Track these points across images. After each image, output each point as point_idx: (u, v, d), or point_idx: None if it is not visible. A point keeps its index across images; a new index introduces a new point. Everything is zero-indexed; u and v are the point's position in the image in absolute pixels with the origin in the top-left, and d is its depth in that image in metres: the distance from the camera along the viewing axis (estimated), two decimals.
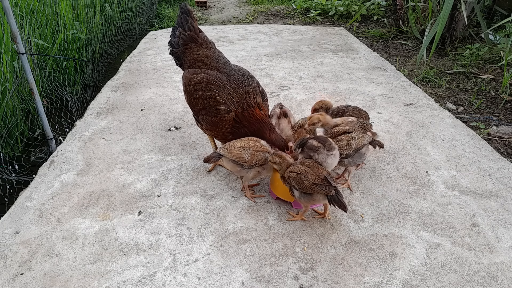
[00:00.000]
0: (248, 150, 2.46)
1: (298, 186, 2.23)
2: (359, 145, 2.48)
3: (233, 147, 2.50)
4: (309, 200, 2.26)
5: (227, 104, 2.64)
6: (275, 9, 8.82)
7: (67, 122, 4.16)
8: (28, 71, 3.21)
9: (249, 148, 2.46)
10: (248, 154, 2.45)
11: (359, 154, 2.52)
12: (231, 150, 2.49)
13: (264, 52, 5.77)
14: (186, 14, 3.05)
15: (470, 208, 2.54)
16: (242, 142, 2.52)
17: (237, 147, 2.49)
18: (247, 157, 2.44)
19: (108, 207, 2.57)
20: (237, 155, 2.46)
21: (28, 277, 2.06)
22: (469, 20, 5.71)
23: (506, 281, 2.03)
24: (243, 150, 2.46)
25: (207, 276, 2.06)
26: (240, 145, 2.49)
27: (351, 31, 7.18)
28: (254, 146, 2.48)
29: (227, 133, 2.71)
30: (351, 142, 2.47)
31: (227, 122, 2.65)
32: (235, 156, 2.46)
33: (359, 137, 2.51)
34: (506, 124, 3.77)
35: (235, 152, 2.47)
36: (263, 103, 2.77)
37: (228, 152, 2.49)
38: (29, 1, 4.49)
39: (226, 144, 2.58)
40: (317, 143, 2.32)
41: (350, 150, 2.46)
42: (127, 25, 7.06)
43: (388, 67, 5.10)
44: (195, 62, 2.93)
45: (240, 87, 2.69)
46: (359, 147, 2.49)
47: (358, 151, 2.50)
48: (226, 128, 2.68)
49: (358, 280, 2.04)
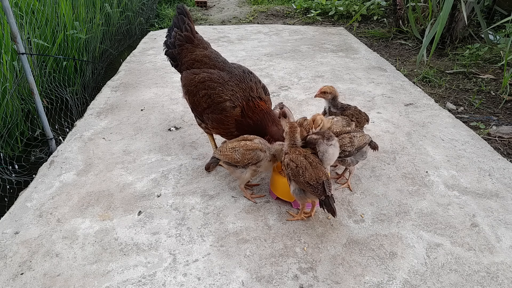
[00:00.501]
0: (238, 150, 2.45)
1: (293, 177, 2.23)
2: (361, 143, 2.53)
3: (225, 148, 2.51)
4: (302, 197, 2.26)
5: (232, 100, 2.65)
6: (275, 9, 8.82)
7: (67, 122, 4.16)
8: (28, 71, 3.21)
9: (239, 148, 2.45)
10: (239, 154, 2.44)
11: (361, 153, 2.57)
12: (223, 152, 2.50)
13: (264, 52, 5.77)
14: (183, 14, 3.05)
15: (470, 208, 2.54)
16: (234, 143, 2.51)
17: (228, 148, 2.49)
18: (238, 157, 2.44)
19: (108, 207, 2.57)
20: (228, 156, 2.47)
21: (28, 277, 2.06)
22: (469, 20, 5.71)
23: (506, 281, 2.03)
24: (234, 150, 2.46)
25: (207, 276, 2.06)
26: (232, 146, 2.49)
27: (351, 31, 7.18)
28: (244, 145, 2.46)
29: (232, 129, 2.71)
30: (354, 140, 2.50)
31: (233, 118, 2.66)
32: (227, 158, 2.47)
33: (360, 135, 2.55)
34: (506, 124, 3.77)
35: (226, 153, 2.48)
36: (266, 97, 2.79)
37: (221, 154, 2.51)
38: (29, 1, 4.49)
39: (220, 146, 2.60)
40: (316, 135, 2.34)
41: (353, 148, 2.49)
42: (127, 25, 7.06)
43: (388, 67, 5.10)
44: (194, 62, 2.93)
45: (242, 82, 2.71)
46: (361, 145, 2.52)
47: (360, 149, 2.54)
48: (231, 124, 2.69)
49: (358, 280, 2.04)
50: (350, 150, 2.48)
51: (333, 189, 2.60)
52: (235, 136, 2.69)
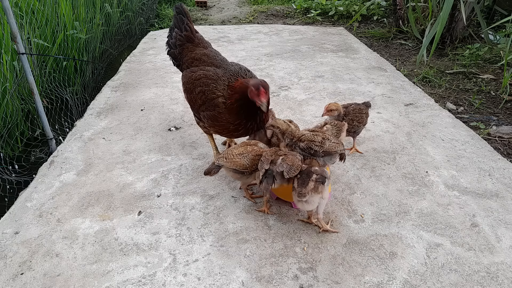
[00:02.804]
0: (247, 156, 2.37)
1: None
2: (331, 149, 2.39)
3: (231, 155, 2.39)
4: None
5: (224, 96, 2.62)
6: (275, 9, 8.82)
7: (67, 122, 4.16)
8: (28, 71, 3.21)
9: (248, 154, 2.38)
10: (248, 160, 2.37)
11: (329, 157, 2.44)
12: (230, 158, 2.39)
13: (264, 52, 5.77)
14: (182, 14, 3.05)
15: (470, 208, 2.54)
16: (240, 149, 2.43)
17: (235, 154, 2.39)
18: (247, 163, 2.36)
19: (108, 207, 2.57)
20: (237, 163, 2.36)
21: (28, 277, 2.06)
22: (469, 20, 5.71)
23: (506, 281, 2.03)
24: (243, 156, 2.37)
25: (207, 276, 2.06)
26: (239, 152, 2.40)
27: (351, 31, 7.18)
28: (252, 150, 2.40)
29: (227, 125, 2.66)
30: (325, 142, 2.39)
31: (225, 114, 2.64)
32: (235, 165, 2.37)
33: (334, 141, 2.42)
34: (506, 124, 3.77)
35: (234, 160, 2.37)
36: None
37: (228, 161, 2.38)
38: (29, 1, 4.49)
39: (224, 152, 2.48)
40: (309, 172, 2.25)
41: (320, 150, 2.37)
42: (127, 25, 7.06)
43: (388, 67, 5.10)
44: (193, 61, 2.94)
45: (236, 77, 2.66)
46: (329, 151, 2.39)
47: (328, 154, 2.42)
48: (225, 119, 2.64)
49: (358, 280, 2.04)
50: (317, 150, 2.38)
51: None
52: (232, 132, 2.66)
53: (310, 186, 2.16)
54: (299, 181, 2.21)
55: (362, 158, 3.09)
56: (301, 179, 2.21)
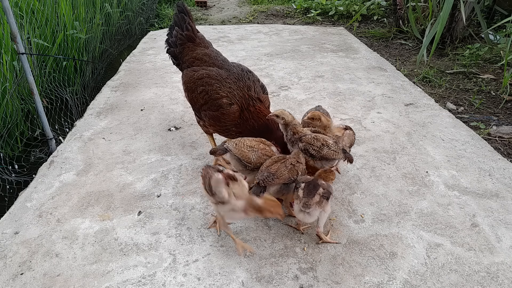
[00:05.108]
0: (256, 152, 2.37)
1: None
2: (328, 157, 2.39)
3: (242, 144, 2.40)
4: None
5: (229, 97, 2.64)
6: (275, 9, 8.82)
7: (67, 122, 4.16)
8: (28, 71, 3.21)
9: (258, 150, 2.38)
10: (255, 156, 2.36)
11: (327, 161, 2.43)
12: (239, 147, 2.39)
13: (264, 52, 5.77)
14: (184, 13, 3.05)
15: (470, 208, 2.54)
16: (253, 142, 2.43)
17: (246, 145, 2.40)
18: (254, 158, 2.36)
19: (108, 207, 2.57)
20: (244, 153, 2.37)
21: (28, 277, 2.06)
22: (469, 20, 5.71)
23: (506, 281, 2.03)
24: (252, 150, 2.38)
25: (207, 276, 2.06)
26: (250, 145, 2.40)
27: (351, 31, 7.18)
28: (264, 149, 2.41)
29: (230, 126, 2.70)
30: (323, 149, 2.37)
31: (229, 116, 2.65)
32: (241, 154, 2.37)
33: (333, 149, 2.39)
34: (506, 124, 3.77)
35: (243, 150, 2.38)
36: (264, 96, 2.78)
37: (236, 149, 2.39)
38: (29, 1, 4.49)
39: (236, 139, 2.48)
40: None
41: (318, 155, 2.37)
42: (127, 25, 7.05)
43: (388, 67, 5.10)
44: (194, 60, 2.94)
45: (240, 80, 2.71)
46: (327, 157, 2.39)
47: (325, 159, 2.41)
48: (229, 122, 2.67)
49: (358, 280, 2.03)
50: (313, 154, 2.38)
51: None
52: (233, 136, 2.68)
53: (315, 199, 2.11)
54: (305, 191, 2.15)
55: (362, 158, 3.08)
56: (308, 190, 2.15)
